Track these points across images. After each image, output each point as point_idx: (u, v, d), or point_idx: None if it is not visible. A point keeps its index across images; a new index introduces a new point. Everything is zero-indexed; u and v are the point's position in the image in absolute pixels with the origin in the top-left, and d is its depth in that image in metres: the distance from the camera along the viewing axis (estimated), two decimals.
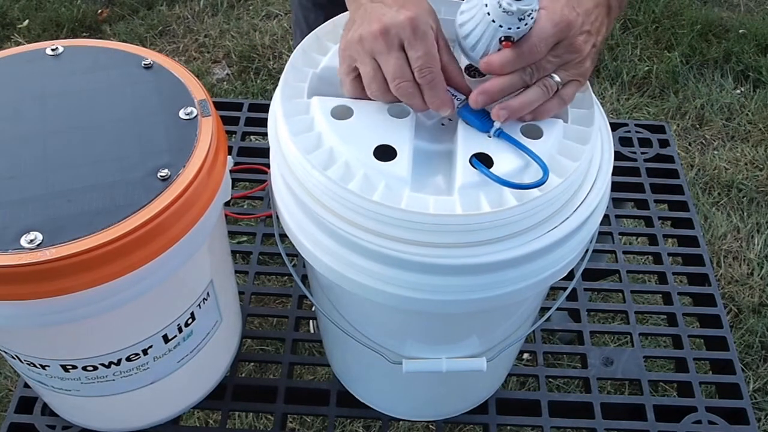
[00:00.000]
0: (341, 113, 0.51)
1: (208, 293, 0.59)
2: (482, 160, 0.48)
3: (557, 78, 0.50)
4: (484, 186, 0.47)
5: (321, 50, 0.56)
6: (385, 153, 0.48)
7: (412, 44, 0.48)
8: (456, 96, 0.51)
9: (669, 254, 0.85)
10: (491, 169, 0.47)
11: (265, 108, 0.54)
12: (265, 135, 0.95)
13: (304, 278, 0.70)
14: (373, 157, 0.48)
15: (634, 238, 1.37)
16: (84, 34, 2.08)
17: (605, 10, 0.52)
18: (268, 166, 0.55)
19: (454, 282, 0.47)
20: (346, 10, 0.55)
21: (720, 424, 0.70)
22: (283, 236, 0.54)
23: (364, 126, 0.51)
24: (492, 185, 0.47)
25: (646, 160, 0.95)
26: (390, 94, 0.50)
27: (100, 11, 2.15)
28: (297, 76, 0.54)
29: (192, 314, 0.58)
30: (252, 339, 1.22)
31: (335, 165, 0.48)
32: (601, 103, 1.26)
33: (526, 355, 0.91)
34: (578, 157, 0.49)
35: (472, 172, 0.48)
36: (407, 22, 0.48)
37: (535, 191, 0.46)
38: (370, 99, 0.52)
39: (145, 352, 0.56)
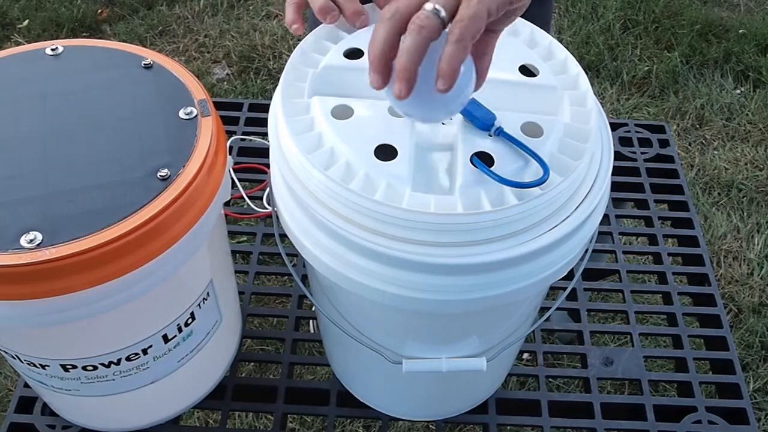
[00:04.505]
0: (341, 113, 0.51)
1: (208, 293, 0.59)
2: (483, 159, 0.48)
3: (431, 6, 0.42)
4: (485, 185, 0.47)
5: (321, 50, 0.56)
6: (385, 152, 0.48)
7: None
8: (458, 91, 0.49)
9: (669, 254, 0.85)
10: (492, 168, 0.47)
11: (265, 108, 0.54)
12: (265, 135, 0.95)
13: (304, 278, 0.70)
14: (374, 157, 0.48)
15: (634, 238, 1.37)
16: (84, 34, 2.08)
17: None
18: (268, 166, 0.55)
19: (455, 282, 0.47)
20: None
21: (720, 424, 0.70)
22: (283, 236, 0.54)
23: (365, 126, 0.51)
24: (493, 184, 0.47)
25: (646, 160, 0.95)
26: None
27: (100, 11, 2.15)
28: (297, 76, 0.54)
29: (192, 314, 0.58)
30: (252, 339, 1.22)
31: (336, 165, 0.48)
32: (601, 103, 1.26)
33: (526, 355, 0.91)
34: (579, 155, 0.49)
35: (473, 171, 0.47)
36: None
37: (536, 190, 0.46)
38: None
39: (144, 351, 0.56)
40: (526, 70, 0.54)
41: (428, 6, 0.42)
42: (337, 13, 0.54)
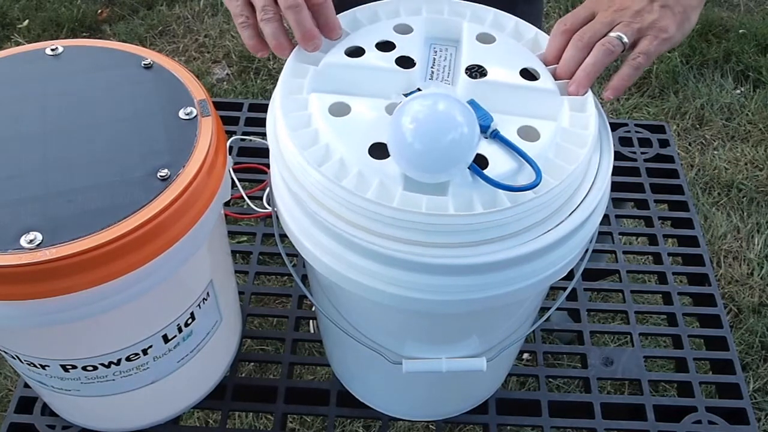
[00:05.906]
0: (339, 110, 0.51)
1: (208, 293, 0.59)
2: (477, 161, 0.48)
3: (617, 33, 0.52)
4: (478, 187, 0.47)
5: (322, 48, 0.56)
6: (380, 151, 0.48)
7: None
8: None
9: (669, 254, 0.85)
10: (486, 170, 0.47)
11: (265, 108, 0.54)
12: (265, 135, 0.95)
13: (304, 278, 0.70)
14: (368, 155, 0.48)
15: (634, 238, 1.37)
16: (84, 34, 2.09)
17: None
18: (268, 166, 0.55)
19: (454, 282, 0.47)
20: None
21: (720, 424, 0.70)
22: (283, 236, 0.54)
23: (361, 123, 0.50)
24: (486, 186, 0.47)
25: (646, 160, 0.95)
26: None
27: (100, 11, 2.15)
28: (296, 73, 0.54)
29: (192, 314, 0.58)
30: (252, 339, 1.22)
31: (330, 161, 0.48)
32: (601, 103, 1.26)
33: (526, 355, 0.91)
34: (575, 159, 0.48)
35: (466, 173, 0.47)
36: None
37: (529, 193, 0.46)
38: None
39: (144, 352, 0.56)
40: (528, 73, 0.54)
41: (615, 34, 0.52)
42: (320, 41, 0.55)
